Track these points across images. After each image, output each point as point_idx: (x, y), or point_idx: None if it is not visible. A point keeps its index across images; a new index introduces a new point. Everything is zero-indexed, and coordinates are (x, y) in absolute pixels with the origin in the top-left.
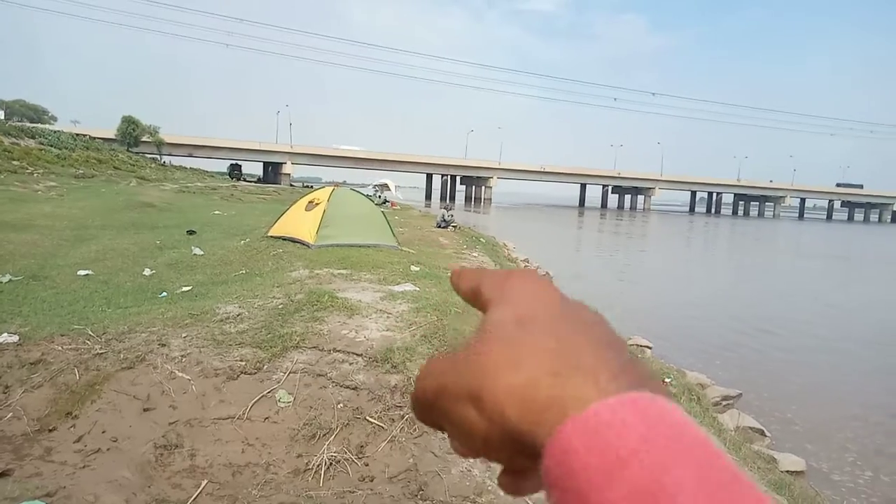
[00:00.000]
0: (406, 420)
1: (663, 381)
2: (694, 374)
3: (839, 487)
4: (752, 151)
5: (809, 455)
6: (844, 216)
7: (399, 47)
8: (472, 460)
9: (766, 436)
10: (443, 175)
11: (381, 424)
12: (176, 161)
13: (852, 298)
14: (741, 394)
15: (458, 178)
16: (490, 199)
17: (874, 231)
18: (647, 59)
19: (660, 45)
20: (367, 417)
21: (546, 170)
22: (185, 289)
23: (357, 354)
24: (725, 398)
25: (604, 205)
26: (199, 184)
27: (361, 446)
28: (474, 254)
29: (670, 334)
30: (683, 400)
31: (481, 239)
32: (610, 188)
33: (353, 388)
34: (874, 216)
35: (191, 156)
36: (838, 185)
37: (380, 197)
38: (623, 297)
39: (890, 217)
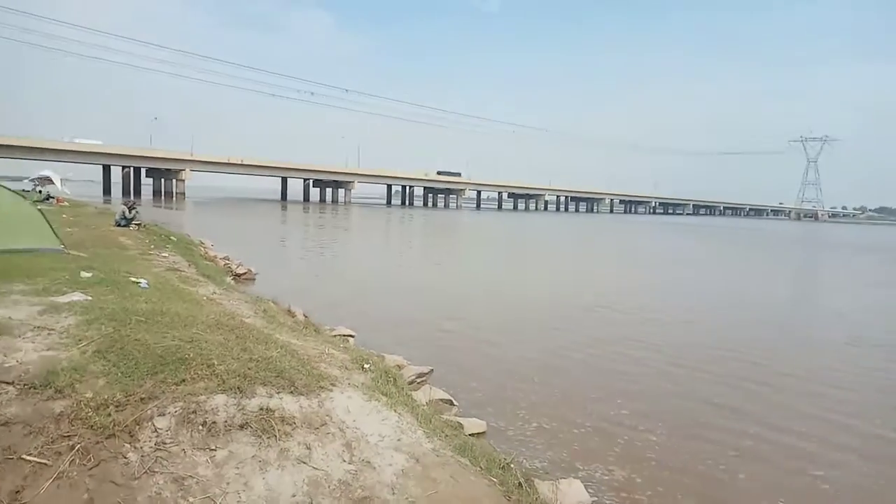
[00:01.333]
0: (78, 451)
1: (363, 367)
2: (392, 357)
3: (513, 440)
4: (437, 148)
5: (490, 417)
6: (511, 206)
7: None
8: (162, 482)
9: (454, 405)
10: (124, 167)
11: (43, 461)
12: None
13: (525, 279)
14: (432, 370)
15: (143, 171)
16: (183, 193)
17: (532, 217)
18: (340, 57)
19: (350, 44)
20: (24, 456)
21: (245, 162)
22: None
23: (6, 383)
24: (419, 375)
25: (306, 198)
26: None
27: (16, 492)
28: (164, 254)
29: (374, 321)
30: (380, 382)
31: (172, 237)
32: (311, 181)
33: (1, 425)
34: (532, 205)
35: None
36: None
37: (40, 192)
38: (330, 287)
39: (543, 206)
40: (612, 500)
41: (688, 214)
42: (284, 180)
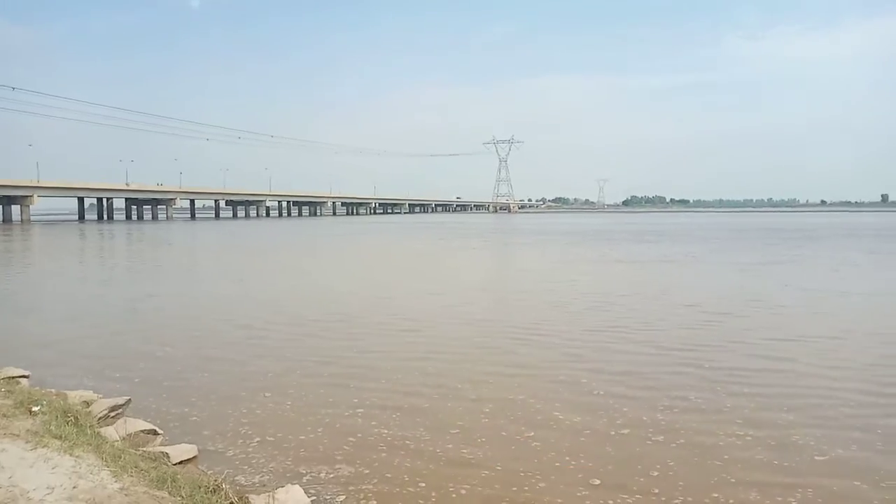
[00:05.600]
0: None
1: (30, 411)
2: (78, 393)
3: (232, 460)
4: (139, 155)
5: (205, 440)
6: (230, 214)
7: None
8: None
9: (158, 434)
10: None
11: None
12: None
13: (254, 289)
14: (130, 400)
15: None
16: None
17: (254, 224)
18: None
19: (25, 38)
20: None
21: None
22: None
23: None
24: (113, 408)
25: None
26: None
27: None
28: None
29: (64, 356)
30: (54, 425)
31: None
32: None
33: None
34: (252, 212)
35: None
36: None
37: None
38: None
39: (265, 212)
40: (334, 496)
41: (405, 213)
42: None
